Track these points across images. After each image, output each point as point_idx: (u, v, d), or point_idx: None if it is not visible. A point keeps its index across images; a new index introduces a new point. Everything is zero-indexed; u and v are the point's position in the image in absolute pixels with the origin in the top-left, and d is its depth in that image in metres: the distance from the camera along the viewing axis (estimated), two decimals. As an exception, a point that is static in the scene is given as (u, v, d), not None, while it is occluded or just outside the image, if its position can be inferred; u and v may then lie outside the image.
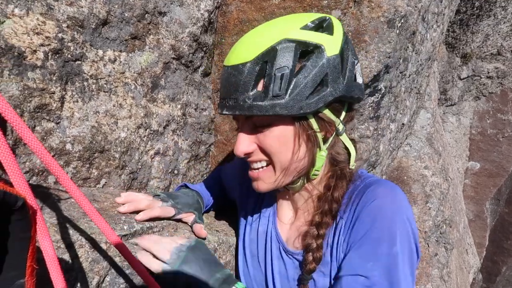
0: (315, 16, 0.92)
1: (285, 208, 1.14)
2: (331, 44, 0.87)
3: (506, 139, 5.18)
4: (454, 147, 5.22)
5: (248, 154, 0.95)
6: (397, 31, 1.52)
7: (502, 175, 5.23)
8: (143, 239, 0.96)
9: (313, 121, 0.90)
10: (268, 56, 0.84)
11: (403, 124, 2.33)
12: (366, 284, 0.82)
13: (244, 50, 0.88)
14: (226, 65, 0.91)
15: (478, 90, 5.25)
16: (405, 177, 2.65)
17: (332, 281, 0.94)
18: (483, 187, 5.35)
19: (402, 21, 1.54)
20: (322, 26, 0.90)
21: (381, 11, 1.46)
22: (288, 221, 1.13)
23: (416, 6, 1.66)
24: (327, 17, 0.92)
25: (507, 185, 5.33)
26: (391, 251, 0.83)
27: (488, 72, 5.04)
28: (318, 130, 0.92)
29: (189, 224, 1.16)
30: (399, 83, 1.88)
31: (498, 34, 4.70)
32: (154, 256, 0.93)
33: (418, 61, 2.09)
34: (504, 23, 4.59)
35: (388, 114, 1.90)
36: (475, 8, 4.44)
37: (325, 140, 0.96)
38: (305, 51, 0.86)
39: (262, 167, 0.96)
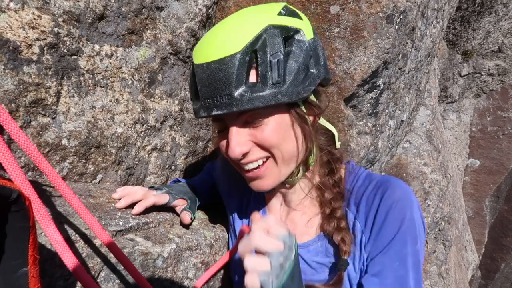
0: (277, 4, 0.91)
1: (275, 205, 1.14)
2: (306, 28, 0.88)
3: (506, 136, 5.17)
4: (454, 144, 5.21)
5: (245, 155, 0.89)
6: (396, 26, 1.51)
7: (502, 172, 5.23)
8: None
9: (303, 107, 0.91)
10: (257, 44, 0.81)
11: (402, 120, 2.33)
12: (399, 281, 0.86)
13: (227, 41, 0.82)
14: (205, 62, 0.83)
15: (479, 87, 5.24)
16: (404, 174, 2.65)
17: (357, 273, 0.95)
18: (483, 184, 5.35)
19: (401, 16, 1.53)
20: (291, 12, 0.90)
21: (380, 6, 1.45)
22: (280, 217, 1.12)
23: (415, 2, 1.64)
24: (287, 5, 0.92)
25: (507, 183, 5.33)
26: (414, 248, 0.87)
27: (489, 69, 5.03)
28: (307, 115, 0.92)
29: (178, 213, 1.16)
30: (398, 79, 1.87)
31: (499, 31, 4.69)
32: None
33: (417, 58, 2.08)
34: (505, 20, 4.58)
35: (386, 111, 1.89)
36: (476, 5, 4.42)
37: (313, 125, 0.96)
38: (287, 36, 0.85)
39: (259, 165, 0.91)
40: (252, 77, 0.83)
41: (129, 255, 0.91)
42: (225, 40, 0.82)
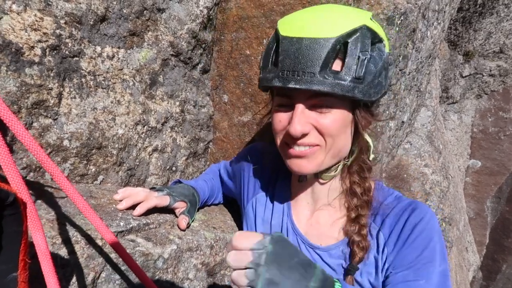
0: (366, 11, 0.96)
1: (302, 201, 1.14)
2: (386, 42, 0.92)
3: (508, 137, 5.16)
4: (456, 145, 5.20)
5: (303, 135, 0.91)
6: (397, 28, 1.52)
7: (503, 173, 5.21)
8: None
9: (363, 110, 0.95)
10: (351, 37, 0.85)
11: (402, 122, 2.33)
12: None
13: (325, 24, 0.85)
14: (296, 36, 0.86)
15: (480, 88, 5.23)
16: (405, 175, 2.65)
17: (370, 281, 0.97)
18: (484, 185, 5.34)
19: (402, 18, 1.54)
20: (377, 23, 0.94)
21: (380, 8, 1.45)
22: (305, 216, 1.12)
23: (416, 3, 1.65)
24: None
25: (508, 184, 5.32)
26: (440, 268, 0.88)
27: (490, 70, 5.02)
28: (364, 118, 0.96)
29: (177, 215, 1.16)
30: (398, 80, 1.87)
31: (501, 32, 4.68)
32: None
33: (418, 59, 2.08)
34: (507, 21, 4.57)
35: (387, 112, 1.90)
36: (477, 6, 4.41)
37: (363, 129, 0.99)
38: (373, 41, 0.88)
39: (308, 147, 0.94)
40: (335, 66, 0.87)
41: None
42: (323, 23, 0.86)
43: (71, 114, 1.11)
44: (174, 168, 1.56)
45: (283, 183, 1.20)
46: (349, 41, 0.84)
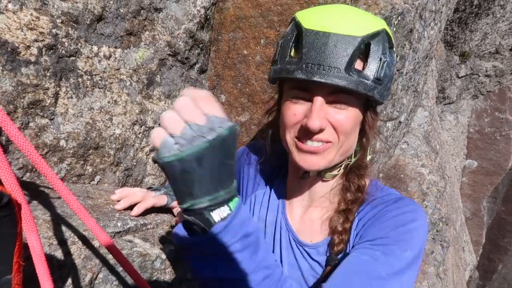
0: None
1: (297, 198, 1.14)
2: (396, 50, 0.94)
3: (504, 137, 5.19)
4: (452, 145, 5.23)
5: (320, 130, 0.90)
6: (394, 28, 1.52)
7: (499, 173, 5.24)
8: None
9: (372, 112, 0.97)
10: (374, 39, 0.86)
11: (400, 122, 2.33)
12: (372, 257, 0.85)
13: (353, 24, 0.86)
14: (323, 31, 0.86)
15: (476, 88, 5.25)
16: (402, 175, 2.66)
17: None
18: (480, 185, 5.37)
19: (399, 18, 1.54)
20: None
21: (378, 8, 1.46)
22: (299, 213, 1.13)
23: (413, 4, 1.65)
24: None
25: (504, 184, 5.34)
26: (406, 254, 0.86)
27: (486, 71, 5.04)
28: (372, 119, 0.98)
29: (175, 215, 1.16)
30: (395, 81, 1.87)
31: (497, 33, 4.70)
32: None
33: (415, 59, 2.09)
34: (502, 21, 4.59)
35: (384, 112, 1.90)
36: (473, 7, 4.43)
37: (369, 130, 1.01)
38: (389, 46, 0.91)
39: (321, 144, 0.94)
40: (357, 65, 0.88)
41: (127, 256, 0.90)
42: (350, 21, 0.87)
43: (67, 114, 1.10)
44: (171, 169, 1.56)
45: (280, 181, 1.20)
46: (371, 42, 0.86)
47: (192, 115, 0.60)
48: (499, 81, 5.12)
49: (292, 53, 0.93)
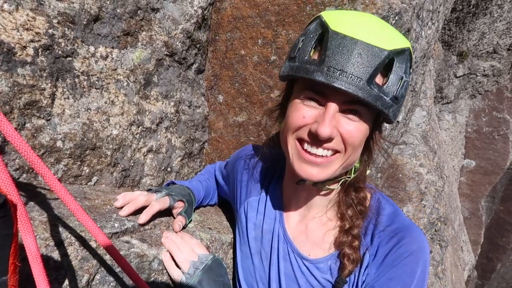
0: None
1: (295, 208, 1.12)
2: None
3: (502, 137, 5.20)
4: (450, 145, 5.23)
5: (329, 139, 0.86)
6: (391, 28, 1.52)
7: (497, 173, 5.25)
8: (167, 240, 1.04)
9: (380, 130, 0.96)
10: (399, 56, 0.83)
11: (398, 122, 2.33)
12: None
13: (382, 36, 0.82)
14: (351, 36, 0.81)
15: (474, 88, 5.27)
16: (400, 175, 2.66)
17: None
18: (479, 185, 5.38)
19: (397, 18, 1.54)
20: None
21: (375, 8, 1.46)
22: (297, 222, 1.11)
23: (410, 3, 1.65)
24: None
25: (502, 183, 5.36)
26: None
27: (484, 70, 5.06)
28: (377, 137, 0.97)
29: (174, 215, 1.16)
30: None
31: (494, 32, 4.71)
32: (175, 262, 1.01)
33: (413, 59, 2.09)
34: (500, 21, 4.60)
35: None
36: (471, 6, 4.44)
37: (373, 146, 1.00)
38: (410, 67, 0.89)
39: (326, 155, 0.90)
40: (380, 80, 0.85)
41: (125, 257, 0.90)
42: (380, 32, 0.83)
43: (64, 114, 1.10)
44: (169, 169, 1.55)
45: (275, 187, 1.18)
46: (396, 58, 0.83)
47: (191, 255, 1.02)
48: (497, 81, 5.14)
49: (311, 53, 0.88)
